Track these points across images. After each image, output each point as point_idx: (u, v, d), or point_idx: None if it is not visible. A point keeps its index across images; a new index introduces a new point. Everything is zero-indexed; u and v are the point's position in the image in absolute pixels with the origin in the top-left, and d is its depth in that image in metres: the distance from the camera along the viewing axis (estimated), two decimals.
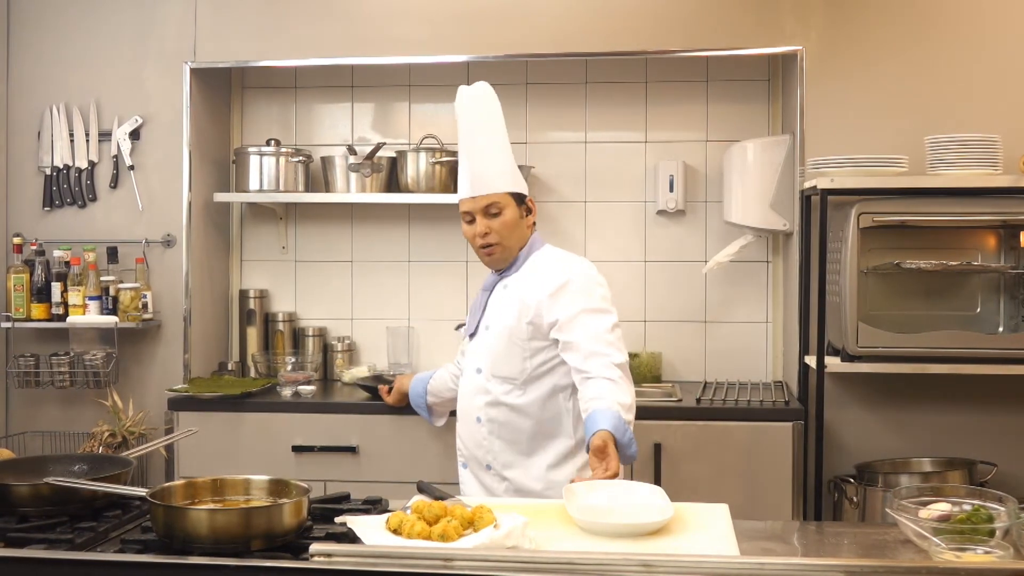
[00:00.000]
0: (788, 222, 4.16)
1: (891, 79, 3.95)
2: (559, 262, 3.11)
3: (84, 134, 4.34)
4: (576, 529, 2.22)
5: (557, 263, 3.10)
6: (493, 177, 3.10)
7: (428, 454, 3.88)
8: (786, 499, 3.75)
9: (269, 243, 4.70)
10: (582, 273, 3.05)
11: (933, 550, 2.04)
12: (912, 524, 2.16)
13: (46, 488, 2.17)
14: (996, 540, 2.05)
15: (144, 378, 4.32)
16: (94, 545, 2.06)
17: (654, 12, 4.09)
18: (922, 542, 2.12)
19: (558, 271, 3.05)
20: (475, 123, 3.14)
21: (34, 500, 2.18)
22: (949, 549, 2.02)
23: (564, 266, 3.08)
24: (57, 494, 2.17)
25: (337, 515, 2.19)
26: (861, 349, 3.64)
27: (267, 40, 4.25)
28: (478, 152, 3.12)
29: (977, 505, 2.21)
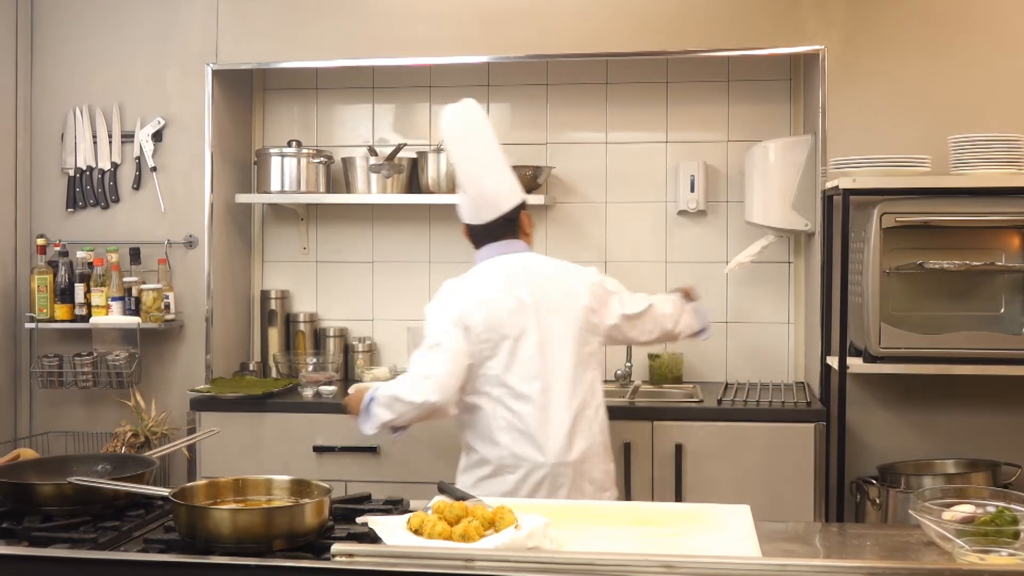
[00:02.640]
0: (810, 222, 4.14)
1: (914, 79, 3.93)
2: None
3: (107, 136, 4.37)
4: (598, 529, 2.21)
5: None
6: (500, 198, 3.30)
7: (449, 455, 3.88)
8: (808, 500, 3.74)
9: (290, 244, 4.72)
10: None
11: (957, 552, 2.03)
12: (935, 526, 2.15)
13: (69, 488, 2.18)
14: (1021, 542, 2.04)
15: (166, 378, 4.34)
16: (117, 544, 2.07)
17: (675, 12, 4.08)
18: (945, 544, 2.11)
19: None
20: (467, 144, 3.30)
21: (58, 499, 2.19)
22: (973, 551, 2.00)
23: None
24: (80, 494, 2.18)
25: (358, 515, 2.19)
26: (884, 350, 3.62)
27: (288, 41, 4.27)
28: (479, 177, 3.29)
29: (1001, 507, 2.19)
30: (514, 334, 3.14)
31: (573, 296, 3.24)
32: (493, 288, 3.19)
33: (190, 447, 3.96)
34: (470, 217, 3.35)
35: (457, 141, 3.32)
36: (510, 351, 3.13)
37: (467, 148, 3.31)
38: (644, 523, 2.30)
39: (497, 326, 3.14)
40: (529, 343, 3.14)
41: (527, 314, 3.16)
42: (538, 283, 3.22)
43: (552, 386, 3.13)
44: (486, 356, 3.13)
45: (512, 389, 3.12)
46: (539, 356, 3.14)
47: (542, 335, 3.15)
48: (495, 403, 3.14)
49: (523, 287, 3.20)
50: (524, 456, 3.09)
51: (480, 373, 3.14)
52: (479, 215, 3.31)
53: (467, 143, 3.31)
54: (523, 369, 3.13)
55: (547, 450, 3.08)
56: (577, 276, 3.32)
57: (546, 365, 3.14)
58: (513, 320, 3.15)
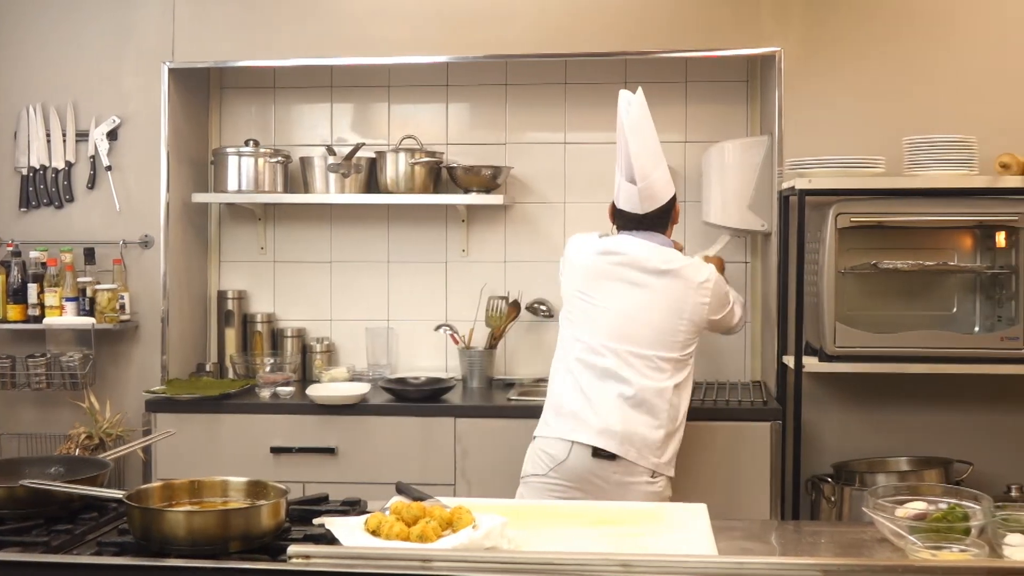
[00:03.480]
0: (766, 223, 4.17)
1: (869, 80, 3.97)
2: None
3: (61, 134, 4.32)
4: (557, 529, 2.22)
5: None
6: (665, 190, 3.49)
7: (408, 455, 3.88)
8: (764, 499, 3.77)
9: (248, 244, 4.69)
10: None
11: (909, 548, 2.06)
12: (889, 523, 2.18)
13: (22, 490, 2.15)
14: (972, 538, 2.07)
15: (121, 379, 4.30)
16: (70, 547, 2.04)
17: (633, 13, 4.10)
18: (899, 541, 2.14)
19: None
20: (643, 135, 3.46)
21: (10, 502, 2.16)
22: (925, 547, 2.03)
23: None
24: (33, 496, 2.16)
25: (315, 516, 2.19)
26: (839, 349, 3.66)
27: (246, 40, 4.24)
28: (650, 169, 3.46)
29: (953, 504, 2.23)
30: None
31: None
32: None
33: (145, 449, 3.93)
34: (632, 206, 3.48)
35: (634, 130, 3.43)
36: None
37: (643, 138, 3.44)
38: (602, 523, 2.31)
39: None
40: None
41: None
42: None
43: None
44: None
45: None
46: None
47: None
48: None
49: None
50: None
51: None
52: (643, 205, 3.47)
53: (643, 133, 3.45)
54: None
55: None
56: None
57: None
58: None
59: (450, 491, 3.80)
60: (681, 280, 3.41)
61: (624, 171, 3.45)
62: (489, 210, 4.54)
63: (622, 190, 3.47)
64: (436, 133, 4.59)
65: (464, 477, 3.87)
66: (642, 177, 3.42)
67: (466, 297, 4.53)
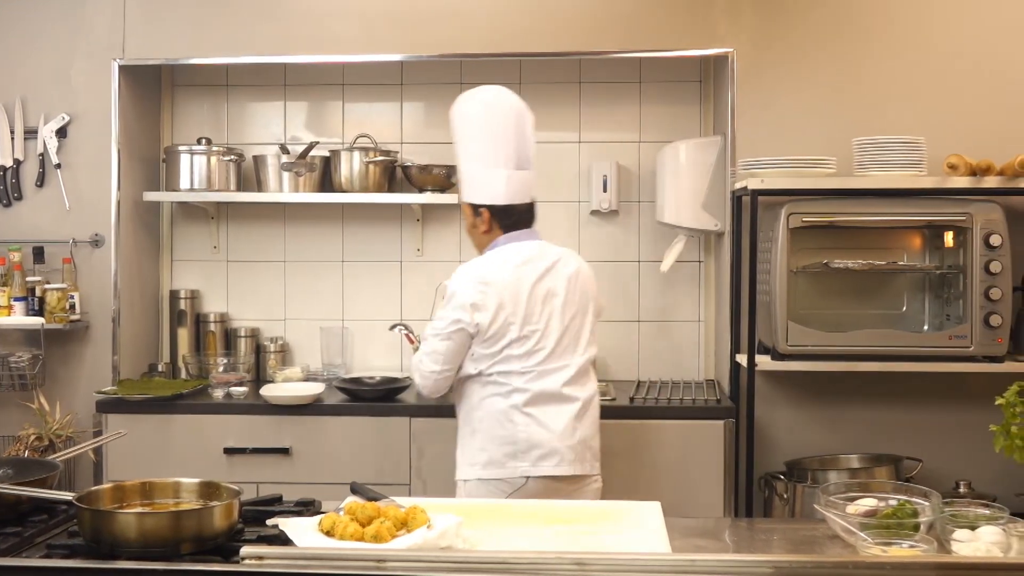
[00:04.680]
0: (720, 222, 4.20)
1: (820, 82, 4.02)
2: (459, 269, 3.31)
3: (9, 132, 4.25)
4: (512, 528, 2.22)
5: (458, 269, 3.32)
6: (461, 185, 3.36)
7: (362, 455, 3.86)
8: (718, 496, 3.80)
9: (200, 243, 4.65)
10: (452, 282, 3.27)
11: (860, 545, 2.08)
12: (840, 520, 2.20)
13: None
14: (921, 534, 2.10)
15: (72, 380, 4.24)
16: (19, 551, 2.02)
17: (588, 13, 4.11)
18: (850, 537, 2.16)
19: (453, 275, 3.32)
20: (525, 124, 3.32)
21: None
22: (876, 544, 2.05)
23: (457, 272, 3.30)
24: None
25: (269, 517, 2.18)
26: (791, 348, 3.70)
27: (198, 37, 4.20)
28: (532, 158, 3.34)
29: (903, 500, 2.26)
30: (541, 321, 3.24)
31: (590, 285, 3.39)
32: (513, 270, 3.26)
33: (96, 450, 3.88)
34: (522, 196, 3.31)
35: (520, 115, 3.30)
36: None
37: (525, 128, 3.30)
38: (557, 521, 2.32)
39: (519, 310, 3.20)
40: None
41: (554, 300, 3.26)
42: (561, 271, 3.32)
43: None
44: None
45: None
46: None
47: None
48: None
49: (550, 274, 3.29)
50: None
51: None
52: (531, 193, 3.33)
53: (525, 123, 3.31)
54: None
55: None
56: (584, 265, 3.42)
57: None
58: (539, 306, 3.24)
59: (405, 491, 3.79)
60: (584, 272, 3.38)
61: (512, 160, 3.27)
62: (444, 209, 4.54)
63: (510, 182, 3.26)
64: (391, 132, 4.58)
65: (419, 477, 3.86)
66: (528, 162, 3.31)
67: (421, 296, 4.52)
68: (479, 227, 3.32)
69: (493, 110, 3.29)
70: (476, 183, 3.29)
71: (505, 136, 3.26)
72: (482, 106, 3.30)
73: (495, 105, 3.30)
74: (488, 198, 3.28)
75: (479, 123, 3.29)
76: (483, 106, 3.29)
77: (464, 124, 3.32)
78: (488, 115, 3.29)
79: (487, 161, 3.27)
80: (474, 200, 3.31)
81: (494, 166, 3.26)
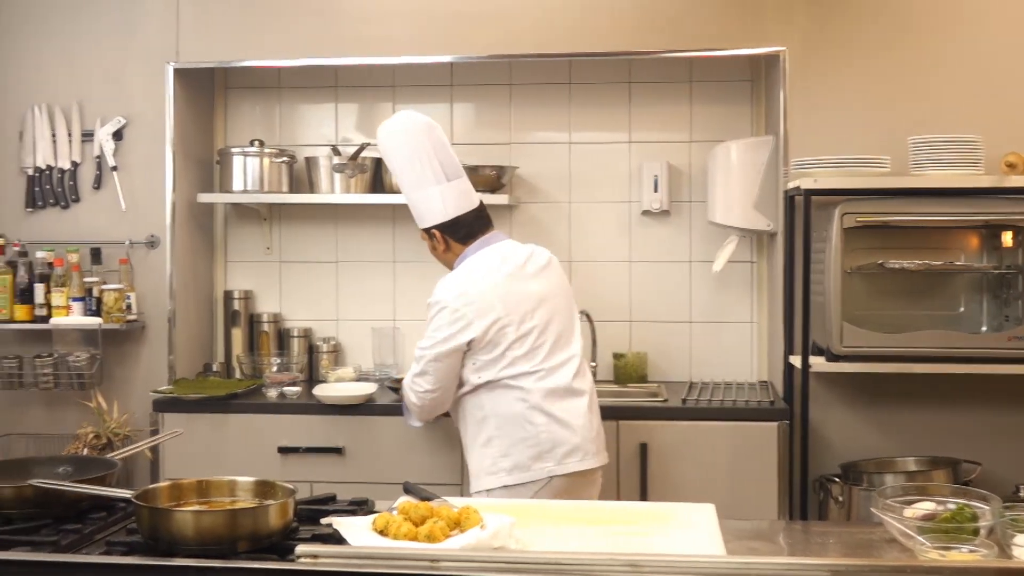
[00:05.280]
0: (772, 222, 4.17)
1: (874, 79, 3.97)
2: (439, 285, 3.31)
3: (67, 134, 4.32)
4: (563, 529, 2.22)
5: (437, 285, 3.32)
6: (416, 218, 3.42)
7: (415, 455, 3.88)
8: (772, 499, 3.76)
9: (253, 244, 4.69)
10: (433, 301, 3.29)
11: (918, 549, 2.05)
12: (897, 523, 2.17)
13: (30, 490, 2.15)
14: (980, 539, 2.06)
15: (129, 379, 4.30)
16: (79, 547, 2.05)
17: (638, 13, 4.10)
18: (907, 541, 2.13)
19: (433, 293, 3.32)
20: (442, 140, 3.41)
21: (18, 502, 2.17)
22: (934, 548, 2.03)
23: (436, 288, 3.30)
24: (42, 496, 2.16)
25: (323, 516, 2.19)
26: (846, 349, 3.66)
27: (250, 40, 4.24)
28: (459, 166, 3.44)
29: (962, 504, 2.22)
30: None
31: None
32: (492, 274, 3.29)
33: (153, 449, 3.93)
34: (469, 203, 3.38)
35: (430, 134, 3.36)
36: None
37: (438, 140, 3.37)
38: (609, 522, 2.31)
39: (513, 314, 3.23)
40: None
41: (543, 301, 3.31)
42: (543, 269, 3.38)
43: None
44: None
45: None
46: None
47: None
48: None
49: (528, 269, 3.34)
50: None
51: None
52: (473, 198, 3.40)
53: (437, 136, 3.38)
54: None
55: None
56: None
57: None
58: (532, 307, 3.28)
59: (457, 491, 3.79)
60: (556, 263, 3.43)
61: (440, 174, 3.32)
62: (494, 210, 4.51)
63: (445, 196, 3.32)
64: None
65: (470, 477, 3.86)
66: (458, 172, 3.39)
67: None
68: (439, 248, 3.40)
69: (402, 137, 3.35)
70: (418, 209, 3.38)
71: (424, 155, 3.32)
72: (392, 136, 3.37)
73: (402, 131, 3.36)
74: (432, 219, 3.36)
75: (397, 153, 3.36)
76: (392, 136, 3.37)
77: (388, 159, 3.41)
78: (400, 143, 3.35)
79: (418, 185, 3.34)
80: (422, 224, 3.40)
81: (426, 187, 3.33)
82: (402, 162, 3.35)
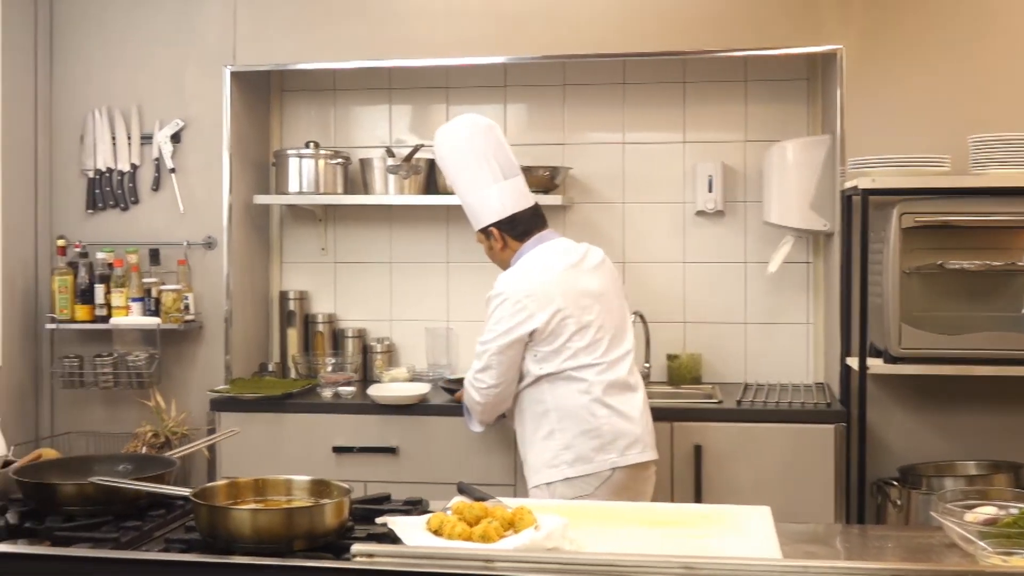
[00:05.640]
0: (828, 222, 4.12)
1: (933, 78, 3.91)
2: (499, 279, 3.38)
3: (126, 137, 4.39)
4: (617, 530, 2.21)
5: (497, 280, 3.38)
6: (472, 219, 3.50)
7: (468, 455, 3.89)
8: (828, 502, 3.72)
9: (309, 245, 4.73)
10: (494, 295, 3.34)
11: (979, 554, 2.02)
12: (958, 528, 2.14)
13: (91, 488, 2.19)
14: None
15: (186, 379, 4.36)
16: (139, 544, 2.07)
17: (692, 12, 4.07)
18: (968, 546, 2.10)
19: (494, 287, 3.36)
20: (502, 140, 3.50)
21: (80, 499, 2.20)
22: (996, 553, 1.99)
23: (496, 283, 3.36)
24: (102, 493, 2.19)
25: (378, 516, 2.20)
26: (904, 350, 3.61)
27: (306, 43, 4.28)
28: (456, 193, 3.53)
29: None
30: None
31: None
32: (552, 268, 3.35)
33: (210, 447, 3.97)
34: (527, 201, 3.46)
35: (489, 133, 3.46)
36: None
37: (496, 139, 3.46)
38: (664, 524, 2.30)
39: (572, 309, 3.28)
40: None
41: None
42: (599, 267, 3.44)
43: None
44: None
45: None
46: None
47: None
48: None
49: (585, 266, 3.41)
50: None
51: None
52: (523, 201, 3.45)
53: (495, 135, 3.47)
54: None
55: None
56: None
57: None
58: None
59: (510, 491, 3.79)
60: (608, 262, 3.49)
61: (497, 173, 3.40)
62: (547, 211, 4.50)
63: (503, 194, 3.40)
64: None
65: (524, 478, 3.86)
66: (514, 170, 3.46)
67: None
68: (496, 247, 3.46)
69: (460, 138, 3.42)
70: (476, 209, 3.44)
71: (483, 156, 3.39)
72: (451, 139, 3.44)
73: (460, 132, 3.44)
74: (490, 216, 3.42)
75: (455, 156, 3.43)
76: (451, 138, 3.44)
77: (446, 163, 3.48)
78: (459, 144, 3.42)
79: (476, 185, 3.41)
80: (480, 224, 3.45)
81: (484, 187, 3.39)
82: (460, 165, 3.42)
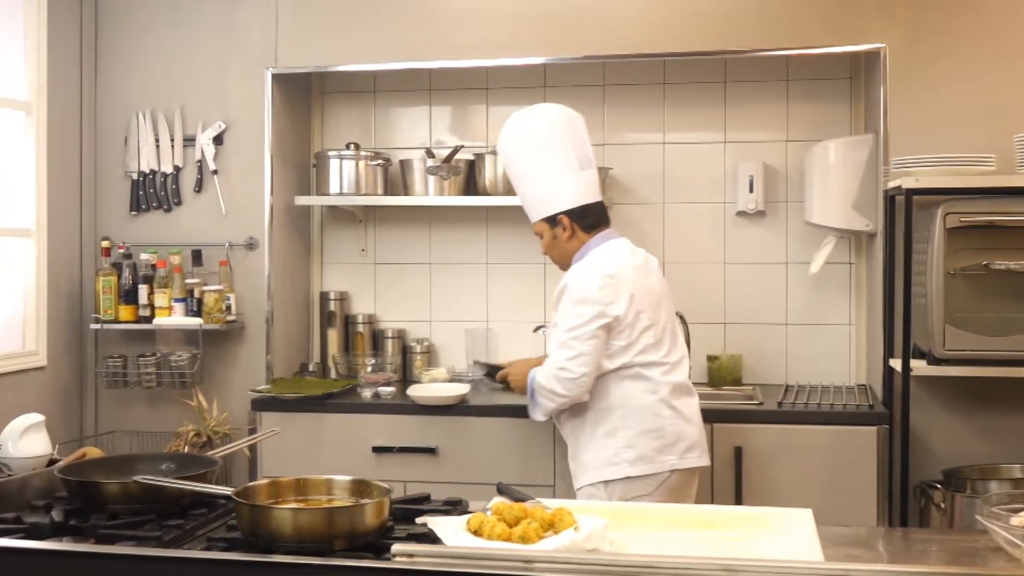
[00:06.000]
0: (871, 223, 4.09)
1: (977, 76, 3.87)
2: (573, 270, 3.35)
3: (169, 139, 4.43)
4: (657, 531, 2.20)
5: (571, 271, 3.35)
6: (529, 209, 3.45)
7: (508, 455, 3.89)
8: (871, 505, 3.69)
9: (349, 246, 4.75)
10: (574, 281, 3.29)
11: None
12: (1003, 531, 2.11)
13: (135, 486, 2.21)
14: None
15: (228, 379, 4.39)
16: (181, 542, 2.09)
17: (732, 11, 4.05)
18: (1013, 550, 2.07)
19: (566, 277, 3.33)
20: (517, 150, 3.44)
21: (123, 498, 2.22)
22: None
23: (571, 273, 3.33)
24: (145, 492, 2.21)
25: (418, 516, 2.20)
26: (948, 352, 3.57)
27: (346, 44, 4.30)
28: (518, 182, 3.47)
29: None
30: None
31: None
32: (626, 262, 3.35)
33: (251, 447, 4.01)
34: (599, 193, 3.44)
35: (570, 121, 3.43)
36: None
37: (577, 131, 3.42)
38: (705, 526, 2.28)
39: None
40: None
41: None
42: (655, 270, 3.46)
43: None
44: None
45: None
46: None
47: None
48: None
49: (647, 268, 3.42)
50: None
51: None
52: (595, 193, 3.42)
53: (577, 126, 3.43)
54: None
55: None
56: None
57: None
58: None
59: (549, 492, 3.80)
60: (659, 270, 3.49)
61: (575, 163, 3.36)
62: None
63: (579, 184, 3.36)
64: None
65: (563, 478, 3.86)
66: (589, 163, 3.42)
67: None
68: (561, 237, 3.40)
69: (542, 125, 3.39)
70: (548, 196, 3.38)
71: (562, 143, 3.35)
72: (531, 125, 3.40)
73: (542, 119, 3.40)
74: (564, 204, 3.37)
75: (534, 142, 3.38)
76: (532, 124, 3.40)
77: (520, 150, 3.41)
78: (539, 131, 3.38)
79: (552, 171, 3.36)
80: (550, 211, 3.38)
81: (560, 175, 3.35)
82: (539, 150, 3.37)
